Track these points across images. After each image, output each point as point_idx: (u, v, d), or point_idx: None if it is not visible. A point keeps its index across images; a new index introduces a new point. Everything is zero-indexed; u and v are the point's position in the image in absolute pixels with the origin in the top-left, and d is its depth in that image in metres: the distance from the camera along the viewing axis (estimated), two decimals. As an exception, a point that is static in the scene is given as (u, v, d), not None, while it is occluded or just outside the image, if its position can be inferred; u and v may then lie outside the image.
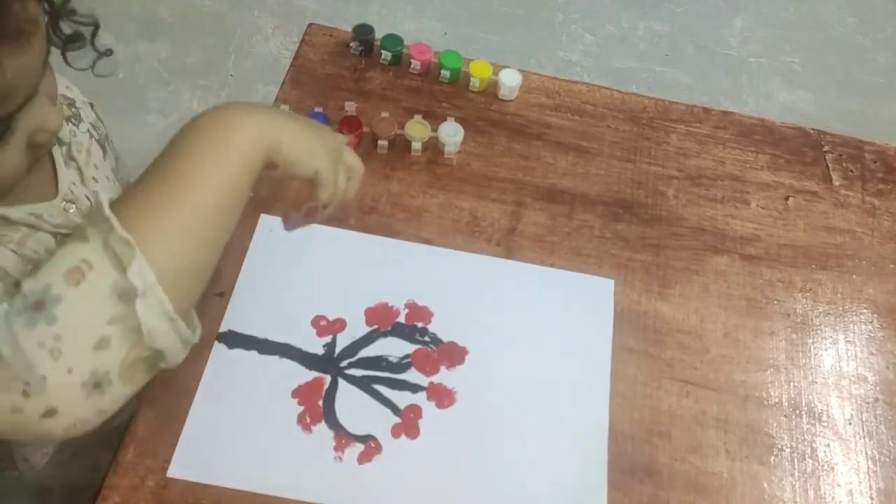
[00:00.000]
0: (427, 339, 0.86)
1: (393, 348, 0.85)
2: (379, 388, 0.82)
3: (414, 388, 0.82)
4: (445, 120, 1.00)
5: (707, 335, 0.90)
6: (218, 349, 0.82)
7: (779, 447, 0.84)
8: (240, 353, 0.82)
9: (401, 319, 0.87)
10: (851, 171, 1.08)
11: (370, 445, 0.78)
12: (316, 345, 0.84)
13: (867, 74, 2.35)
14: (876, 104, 2.26)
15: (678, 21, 2.40)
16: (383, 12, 2.27)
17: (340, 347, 0.84)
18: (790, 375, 0.89)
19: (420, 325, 0.86)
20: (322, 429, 0.79)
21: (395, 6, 2.29)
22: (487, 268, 0.92)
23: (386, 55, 1.07)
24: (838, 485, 0.83)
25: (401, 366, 0.84)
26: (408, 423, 0.80)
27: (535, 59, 2.21)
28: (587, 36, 2.32)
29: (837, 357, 0.92)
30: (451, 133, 0.99)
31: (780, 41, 2.39)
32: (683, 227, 0.99)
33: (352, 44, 1.08)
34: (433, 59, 1.07)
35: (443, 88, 1.07)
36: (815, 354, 0.91)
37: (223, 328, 0.83)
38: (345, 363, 0.83)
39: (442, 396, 0.82)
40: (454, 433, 0.80)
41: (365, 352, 0.84)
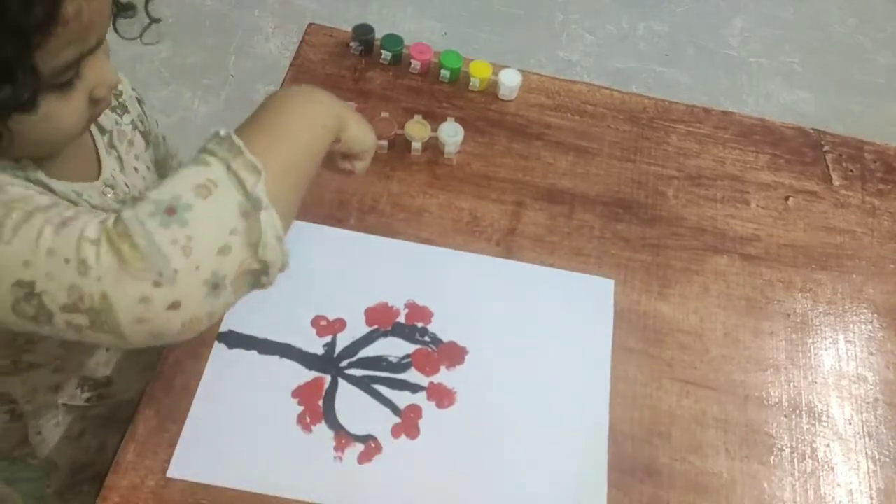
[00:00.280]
0: (427, 339, 0.86)
1: (393, 348, 0.85)
2: (379, 388, 0.82)
3: (414, 388, 0.82)
4: (445, 120, 1.00)
5: (707, 335, 0.90)
6: (218, 349, 0.82)
7: (779, 447, 0.84)
8: (240, 353, 0.82)
9: (401, 319, 0.87)
10: (851, 171, 1.08)
11: (370, 445, 0.78)
12: (316, 345, 0.84)
13: (867, 74, 2.35)
14: (876, 104, 2.26)
15: (678, 21, 2.40)
16: (383, 12, 2.27)
17: (340, 347, 0.84)
18: (790, 375, 0.89)
19: (420, 325, 0.86)
20: (322, 429, 0.79)
21: (395, 6, 2.29)
22: (487, 268, 0.92)
23: (386, 55, 1.07)
24: (838, 485, 0.83)
25: (401, 366, 0.84)
26: (408, 423, 0.80)
27: (535, 59, 2.21)
28: (587, 36, 2.32)
29: (837, 357, 0.92)
30: (451, 133, 0.99)
31: (780, 41, 2.39)
32: (683, 227, 0.99)
33: (352, 44, 1.08)
34: (433, 59, 1.07)
35: (443, 88, 1.07)
36: (815, 354, 0.91)
37: (223, 328, 0.83)
38: (345, 363, 0.83)
39: (442, 396, 0.82)
40: (454, 433, 0.80)
41: (365, 352, 0.84)
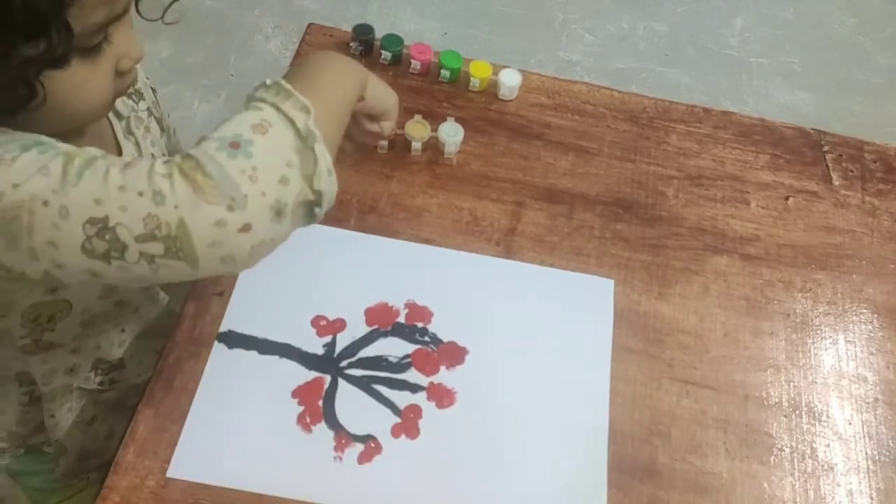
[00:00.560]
0: (427, 339, 0.86)
1: (393, 348, 0.85)
2: (379, 388, 0.82)
3: (414, 388, 0.82)
4: (445, 120, 1.00)
5: (707, 335, 0.90)
6: (218, 349, 0.82)
7: (779, 447, 0.84)
8: (240, 353, 0.82)
9: (401, 319, 0.87)
10: (851, 171, 1.08)
11: (370, 445, 0.78)
12: (316, 345, 0.84)
13: (867, 74, 2.35)
14: (876, 104, 2.26)
15: (678, 21, 2.40)
16: (383, 12, 2.27)
17: (340, 347, 0.84)
18: (790, 375, 0.89)
19: (420, 325, 0.86)
20: (322, 429, 0.79)
21: (395, 6, 2.29)
22: (487, 268, 0.92)
23: (386, 55, 1.07)
24: (838, 485, 0.83)
25: (401, 366, 0.84)
26: (408, 423, 0.80)
27: (535, 59, 2.21)
28: (587, 36, 2.32)
29: (837, 357, 0.92)
30: (451, 133, 0.99)
31: (780, 41, 2.39)
32: (683, 227, 0.99)
33: (352, 44, 1.08)
34: (433, 59, 1.07)
35: (443, 88, 1.07)
36: (815, 354, 0.91)
37: (223, 328, 0.83)
38: (345, 363, 0.83)
39: (442, 396, 0.82)
40: (454, 433, 0.80)
41: (365, 352, 0.84)
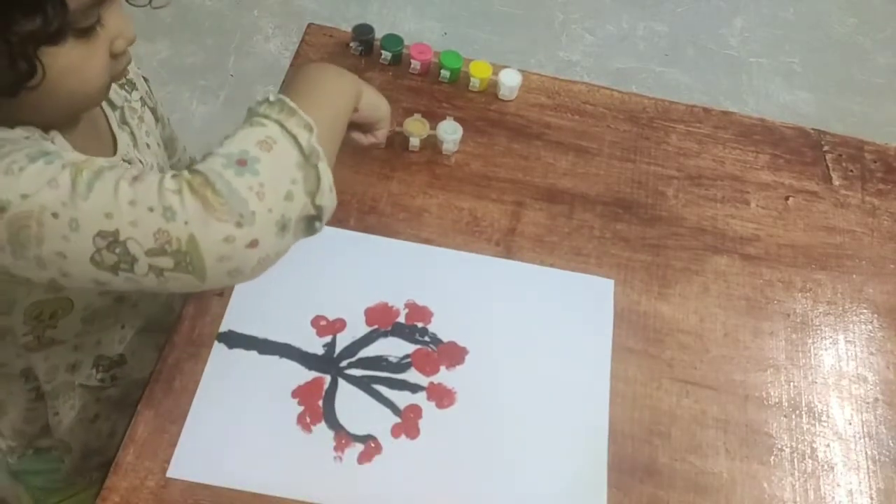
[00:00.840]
0: (427, 339, 0.86)
1: (393, 348, 0.85)
2: (379, 388, 0.82)
3: (414, 388, 0.82)
4: (445, 119, 1.00)
5: (707, 335, 0.90)
6: (218, 349, 0.82)
7: (779, 447, 0.84)
8: (240, 353, 0.82)
9: (401, 319, 0.87)
10: (851, 171, 1.08)
11: (370, 445, 0.78)
12: (316, 345, 0.84)
13: (867, 74, 2.35)
14: (876, 104, 2.26)
15: (678, 21, 2.40)
16: (383, 12, 2.27)
17: (340, 347, 0.84)
18: (790, 375, 0.89)
19: (420, 325, 0.86)
20: (322, 429, 0.79)
21: (395, 6, 2.29)
22: (487, 268, 0.92)
23: (386, 55, 1.07)
24: (838, 485, 0.83)
25: (401, 366, 0.84)
26: (408, 423, 0.80)
27: (535, 59, 2.21)
28: (587, 36, 2.32)
29: (837, 357, 0.91)
30: (450, 131, 0.99)
31: (780, 41, 2.39)
32: (683, 227, 0.99)
33: (352, 44, 1.08)
34: (433, 59, 1.07)
35: (443, 88, 1.07)
36: (815, 354, 0.91)
37: (223, 328, 0.83)
38: (345, 363, 0.83)
39: (442, 396, 0.82)
40: (454, 433, 0.80)
41: (365, 352, 0.84)
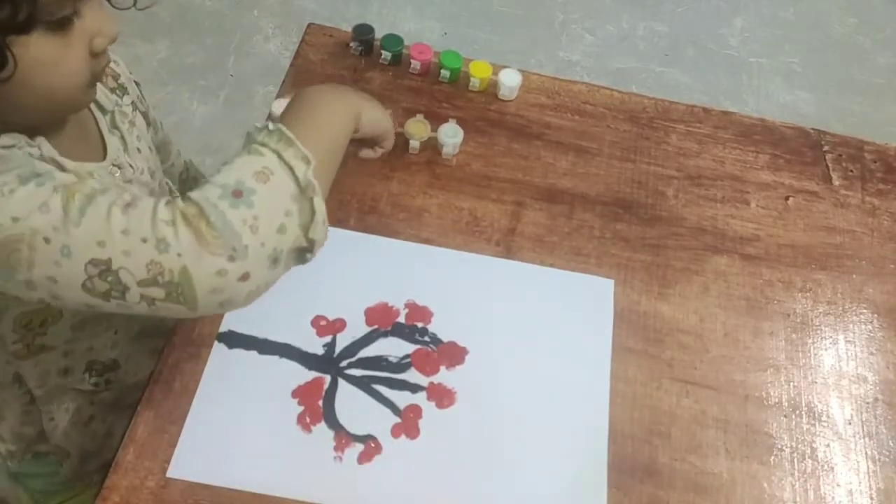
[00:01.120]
0: (427, 339, 0.86)
1: (393, 348, 0.85)
2: (379, 388, 0.82)
3: (414, 388, 0.82)
4: (445, 120, 1.00)
5: (707, 335, 0.90)
6: (218, 349, 0.82)
7: (779, 447, 0.84)
8: (240, 353, 0.82)
9: (401, 319, 0.87)
10: (851, 171, 1.08)
11: (370, 445, 0.78)
12: (316, 345, 0.84)
13: (867, 74, 2.34)
14: (876, 104, 2.26)
15: (678, 21, 2.40)
16: (383, 12, 2.27)
17: (340, 347, 0.84)
18: (790, 375, 0.89)
19: (420, 325, 0.86)
20: (322, 429, 0.79)
21: (395, 6, 2.29)
22: (487, 268, 0.92)
23: (386, 55, 1.07)
24: (838, 485, 0.83)
25: (401, 366, 0.84)
26: (408, 423, 0.80)
27: (535, 59, 2.21)
28: (587, 36, 2.32)
29: (837, 357, 0.91)
30: (451, 134, 0.99)
31: (780, 41, 2.39)
32: (683, 227, 0.99)
33: (352, 44, 1.08)
34: (433, 59, 1.07)
35: (443, 88, 1.07)
36: (815, 354, 0.91)
37: (223, 328, 0.83)
38: (345, 363, 0.83)
39: (442, 396, 0.82)
40: (454, 433, 0.80)
41: (365, 352, 0.84)
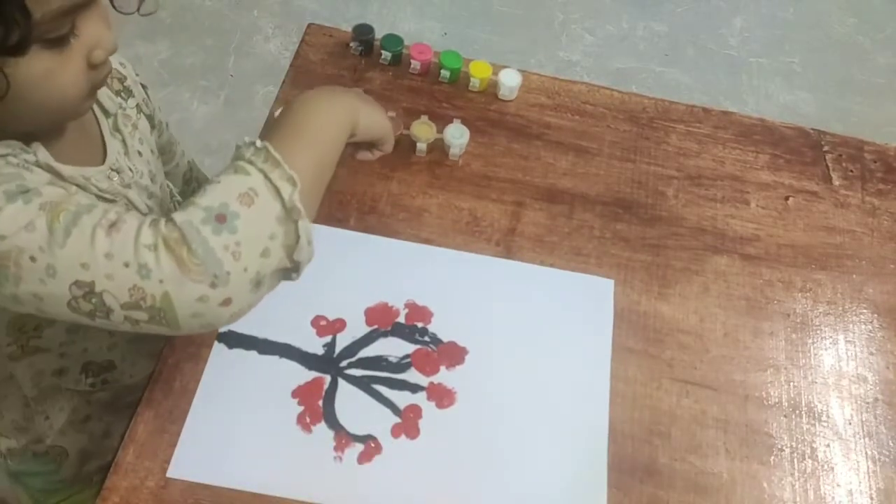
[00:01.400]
0: (427, 339, 0.86)
1: (393, 348, 0.85)
2: (379, 388, 0.82)
3: (414, 388, 0.82)
4: (446, 120, 1.00)
5: (707, 335, 0.90)
6: (218, 349, 0.82)
7: (779, 447, 0.84)
8: (240, 353, 0.82)
9: (401, 319, 0.87)
10: (851, 171, 1.08)
11: (370, 445, 0.78)
12: (316, 345, 0.84)
13: (867, 74, 2.35)
14: (876, 104, 2.26)
15: (678, 21, 2.40)
16: (383, 12, 2.27)
17: (340, 347, 0.84)
18: (790, 375, 0.89)
19: (420, 325, 0.86)
20: (322, 429, 0.79)
21: (395, 6, 2.29)
22: (487, 268, 0.92)
23: (386, 55, 1.07)
24: (838, 485, 0.83)
25: (401, 366, 0.84)
26: (408, 423, 0.80)
27: (535, 59, 2.21)
28: (587, 36, 2.32)
29: (837, 357, 0.91)
30: (457, 135, 0.99)
31: (780, 41, 2.39)
32: (683, 227, 0.99)
33: (352, 44, 1.08)
34: (433, 59, 1.07)
35: (443, 88, 1.07)
36: (815, 354, 0.91)
37: (223, 328, 0.83)
38: (345, 363, 0.83)
39: (442, 396, 0.82)
40: (454, 433, 0.80)
41: (365, 352, 0.84)
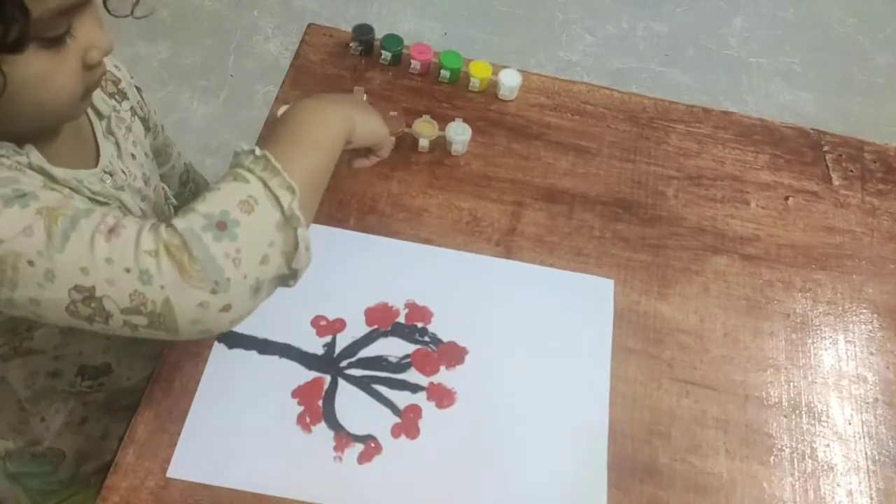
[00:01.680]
0: (427, 339, 0.86)
1: (393, 348, 0.85)
2: (379, 388, 0.82)
3: (414, 388, 0.82)
4: (446, 120, 1.00)
5: (707, 335, 0.90)
6: (218, 349, 0.82)
7: (779, 447, 0.84)
8: (240, 353, 0.82)
9: (401, 319, 0.87)
10: (851, 171, 1.08)
11: (370, 445, 0.78)
12: (316, 345, 0.84)
13: (867, 74, 2.34)
14: (876, 104, 2.26)
15: (678, 21, 2.40)
16: (383, 12, 2.27)
17: (340, 347, 0.84)
18: (790, 375, 0.89)
19: (420, 325, 0.86)
20: (322, 429, 0.79)
21: (395, 6, 2.29)
22: (487, 268, 0.92)
23: (386, 55, 1.07)
24: (838, 485, 0.83)
25: (400, 366, 0.84)
26: (408, 423, 0.80)
27: (535, 59, 2.21)
28: (587, 36, 2.32)
29: (837, 357, 0.91)
30: (460, 132, 0.99)
31: (780, 41, 2.39)
32: (683, 227, 0.99)
33: (352, 44, 1.08)
34: (433, 59, 1.07)
35: (443, 88, 1.07)
36: (815, 354, 0.91)
37: (223, 329, 0.83)
38: (345, 363, 0.83)
39: (442, 396, 0.82)
40: (454, 433, 0.80)
41: (365, 352, 0.84)
